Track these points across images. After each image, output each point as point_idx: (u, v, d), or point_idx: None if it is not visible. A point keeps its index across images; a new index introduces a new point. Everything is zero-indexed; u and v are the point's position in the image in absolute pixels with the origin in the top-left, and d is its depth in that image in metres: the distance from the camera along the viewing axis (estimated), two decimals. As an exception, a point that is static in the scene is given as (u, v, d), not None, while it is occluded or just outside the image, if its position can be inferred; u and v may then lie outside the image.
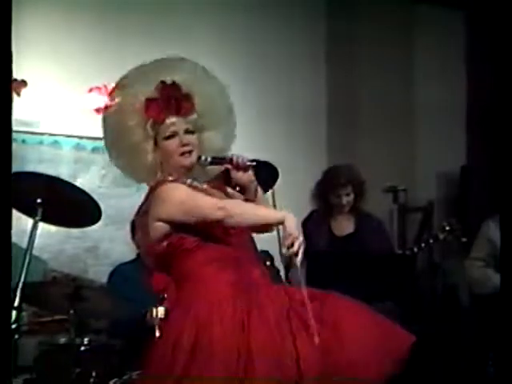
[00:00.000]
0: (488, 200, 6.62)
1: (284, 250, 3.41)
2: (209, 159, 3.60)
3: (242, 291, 3.49)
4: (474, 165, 7.16)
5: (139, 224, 3.70)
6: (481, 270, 5.58)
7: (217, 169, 3.74)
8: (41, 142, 6.64)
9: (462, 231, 5.64)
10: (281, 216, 3.46)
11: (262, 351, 3.30)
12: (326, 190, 5.99)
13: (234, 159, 3.59)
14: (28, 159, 6.50)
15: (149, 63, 3.74)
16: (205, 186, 3.70)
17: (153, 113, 3.60)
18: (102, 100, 6.77)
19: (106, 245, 6.68)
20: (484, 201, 6.73)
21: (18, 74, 6.46)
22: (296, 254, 3.39)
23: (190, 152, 3.60)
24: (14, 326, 4.23)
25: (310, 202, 6.11)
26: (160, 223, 3.51)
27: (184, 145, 3.58)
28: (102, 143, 6.65)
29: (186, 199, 3.52)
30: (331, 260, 5.71)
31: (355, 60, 7.88)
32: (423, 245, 5.76)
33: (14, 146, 6.35)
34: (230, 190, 3.76)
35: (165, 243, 3.54)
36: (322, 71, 7.85)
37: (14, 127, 6.37)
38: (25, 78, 6.49)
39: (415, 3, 7.94)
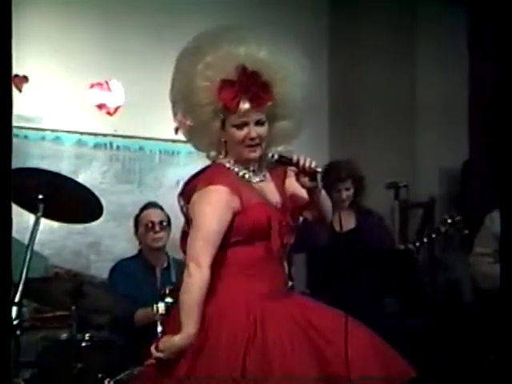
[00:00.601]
0: (490, 195, 6.60)
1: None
2: (276, 157, 3.44)
3: (259, 298, 3.43)
4: (475, 160, 7.15)
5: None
6: (490, 265, 5.56)
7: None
8: (43, 138, 6.65)
9: (463, 224, 5.63)
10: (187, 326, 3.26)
11: (272, 363, 3.25)
12: (327, 184, 5.97)
13: (301, 162, 3.39)
14: (30, 155, 6.52)
15: (225, 29, 3.55)
16: (258, 179, 3.55)
17: (227, 97, 3.39)
18: (104, 96, 6.81)
19: (108, 241, 6.69)
20: (486, 196, 6.72)
21: (19, 69, 6.50)
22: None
23: (257, 145, 3.44)
24: (15, 322, 4.22)
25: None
26: None
27: (252, 138, 3.41)
28: (105, 140, 6.77)
29: (203, 222, 3.38)
30: (333, 257, 5.70)
31: (358, 57, 7.89)
32: (425, 239, 5.75)
33: (16, 141, 6.43)
34: (287, 183, 3.62)
35: None
36: (325, 68, 7.87)
37: (16, 123, 6.44)
38: (26, 74, 6.52)
39: (417, 1, 7.93)
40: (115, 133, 6.79)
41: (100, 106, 6.83)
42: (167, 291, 4.95)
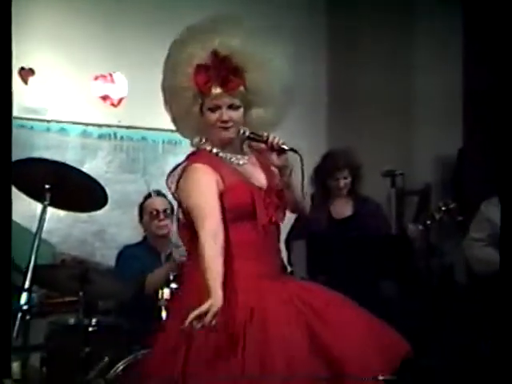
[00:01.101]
0: (484, 182, 6.63)
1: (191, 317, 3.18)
2: (247, 133, 3.52)
3: (257, 280, 3.46)
4: (469, 148, 7.17)
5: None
6: (483, 249, 5.59)
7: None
8: (48, 129, 6.67)
9: (458, 211, 5.66)
10: (215, 294, 3.18)
11: (267, 342, 3.29)
12: (324, 173, 6.00)
13: (270, 139, 3.48)
14: (36, 146, 6.54)
15: (204, 23, 3.60)
16: (242, 162, 3.59)
17: (200, 81, 3.47)
18: (107, 88, 6.83)
19: (113, 229, 6.72)
20: (479, 183, 6.75)
21: (25, 62, 6.53)
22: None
23: (229, 127, 3.48)
24: (25, 307, 4.26)
25: (309, 186, 6.11)
26: None
27: (224, 121, 3.47)
28: (108, 130, 6.79)
29: (193, 196, 3.45)
30: (331, 242, 5.74)
31: (356, 49, 7.90)
32: (420, 226, 5.78)
33: (22, 132, 6.51)
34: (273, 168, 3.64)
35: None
36: (324, 60, 7.89)
37: (23, 114, 6.51)
38: (32, 67, 6.54)
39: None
40: (119, 123, 6.82)
41: (104, 98, 6.86)
42: (171, 277, 5.00)
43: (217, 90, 3.46)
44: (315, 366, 3.28)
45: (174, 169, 3.60)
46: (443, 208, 5.69)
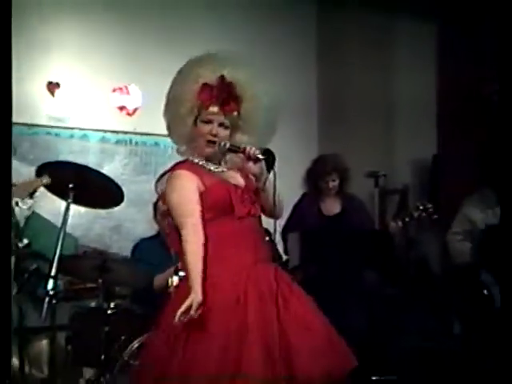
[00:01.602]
0: (456, 183, 6.64)
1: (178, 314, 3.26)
2: (227, 146, 3.55)
3: (243, 269, 3.49)
4: (443, 154, 7.18)
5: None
6: (461, 243, 5.61)
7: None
8: (71, 136, 6.65)
9: (433, 210, 5.67)
10: (196, 290, 3.29)
11: (247, 329, 3.32)
12: (315, 176, 6.00)
13: (247, 150, 3.50)
14: (60, 150, 6.52)
15: (221, 53, 3.68)
16: (221, 169, 3.64)
17: (203, 97, 3.54)
18: (124, 99, 6.85)
19: (128, 224, 6.70)
20: (452, 184, 6.76)
21: (52, 77, 6.55)
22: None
23: (214, 142, 3.55)
24: (51, 293, 4.28)
25: (301, 186, 6.13)
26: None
27: (212, 135, 3.54)
28: (124, 136, 6.81)
29: (173, 198, 3.53)
30: (321, 236, 5.75)
31: (342, 61, 7.89)
32: (400, 222, 5.79)
33: (49, 139, 6.55)
34: (251, 176, 3.66)
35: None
36: (313, 70, 7.86)
37: (49, 123, 6.53)
38: (58, 81, 6.56)
39: (392, 12, 7.95)
40: (134, 131, 6.83)
41: (121, 108, 6.87)
42: (180, 266, 5.02)
43: (214, 108, 3.54)
44: (278, 346, 3.30)
45: (161, 176, 3.69)
46: (420, 207, 5.70)
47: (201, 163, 3.62)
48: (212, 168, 3.63)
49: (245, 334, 3.31)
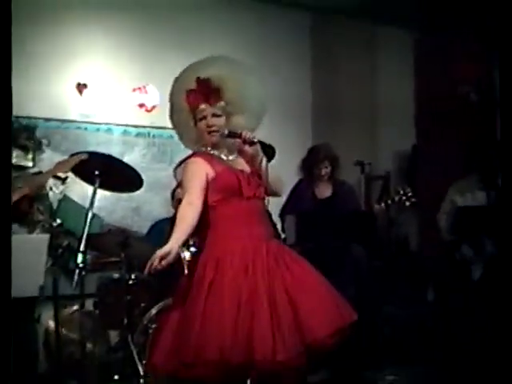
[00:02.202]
0: (432, 171, 6.64)
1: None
2: (226, 132, 3.57)
3: (250, 243, 3.51)
4: (420, 144, 7.18)
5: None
6: (446, 221, 5.62)
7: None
8: (98, 130, 6.65)
9: (411, 194, 5.68)
10: (173, 242, 3.38)
11: (256, 292, 3.34)
12: (310, 163, 6.01)
13: (243, 134, 3.54)
14: (88, 142, 6.52)
15: (196, 62, 3.75)
16: (231, 158, 3.69)
17: (190, 100, 3.61)
18: (143, 97, 6.86)
19: (147, 206, 6.69)
20: (429, 171, 6.76)
21: (81, 78, 6.56)
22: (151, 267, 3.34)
23: (215, 131, 3.60)
24: (81, 265, 4.29)
25: (297, 173, 6.14)
26: None
27: (210, 126, 3.59)
28: (143, 130, 6.82)
29: (184, 179, 3.59)
30: (315, 217, 5.76)
31: (333, 65, 7.90)
32: (383, 204, 5.80)
33: (78, 132, 6.58)
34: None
35: None
36: (308, 73, 7.86)
37: (79, 118, 6.54)
38: (85, 82, 6.58)
39: (375, 24, 7.97)
40: (152, 125, 6.83)
41: (140, 105, 6.87)
42: (191, 242, 5.03)
43: (203, 105, 3.60)
44: (288, 317, 3.32)
45: (179, 164, 3.76)
46: (401, 192, 5.70)
47: (212, 152, 3.65)
48: (222, 156, 3.67)
49: (255, 300, 3.32)
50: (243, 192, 3.56)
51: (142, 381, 4.77)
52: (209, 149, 3.66)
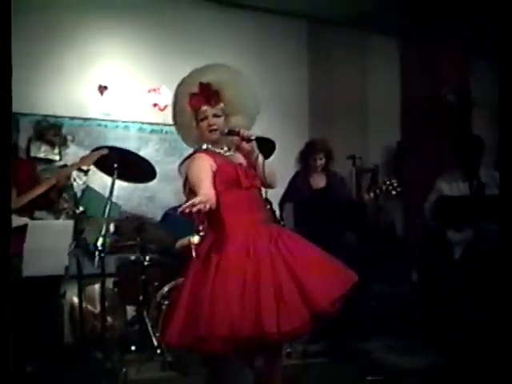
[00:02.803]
0: (415, 164, 6.66)
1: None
2: (225, 131, 3.61)
3: (251, 227, 3.53)
4: (405, 141, 7.20)
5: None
6: (429, 208, 5.61)
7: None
8: (116, 127, 6.66)
9: (397, 184, 5.68)
10: (202, 193, 3.30)
11: (259, 271, 3.35)
12: (306, 156, 6.00)
13: (241, 132, 3.57)
14: (108, 138, 6.53)
15: (198, 68, 3.75)
16: (229, 153, 3.70)
17: (193, 103, 3.63)
18: (156, 98, 6.87)
19: (160, 195, 6.68)
20: (413, 164, 6.77)
21: (102, 81, 6.60)
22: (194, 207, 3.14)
23: (215, 130, 3.63)
24: (101, 248, 4.32)
25: (295, 164, 6.14)
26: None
27: (211, 125, 3.62)
28: (158, 127, 6.84)
29: (193, 173, 3.56)
30: (310, 205, 5.76)
31: (328, 66, 7.89)
32: (372, 194, 5.81)
33: (99, 129, 6.61)
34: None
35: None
36: (305, 74, 7.86)
37: (100, 117, 6.57)
38: (106, 84, 6.61)
39: (365, 31, 7.98)
40: (164, 122, 6.84)
41: (154, 105, 6.87)
42: (200, 228, 5.05)
43: (204, 107, 3.61)
44: (293, 292, 3.31)
45: (183, 161, 3.78)
46: (387, 182, 5.71)
47: (212, 149, 3.68)
48: (222, 152, 3.69)
49: (259, 277, 3.33)
50: (242, 182, 3.58)
51: (158, 351, 4.82)
52: (209, 146, 3.69)
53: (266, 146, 4.89)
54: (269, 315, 3.23)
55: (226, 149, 3.72)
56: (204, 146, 3.72)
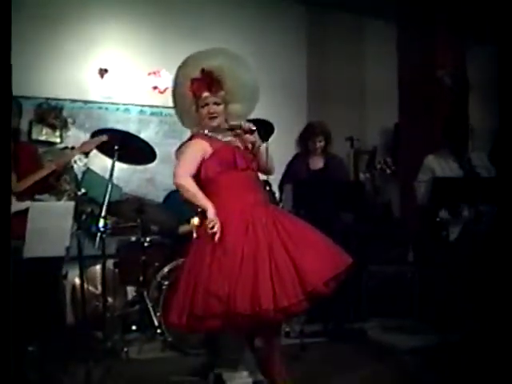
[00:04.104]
0: (411, 146, 6.65)
1: (208, 230, 3.41)
2: (226, 126, 3.70)
3: (248, 207, 3.56)
4: (402, 123, 7.18)
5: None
6: (424, 188, 5.59)
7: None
8: (117, 109, 6.66)
9: (392, 164, 5.68)
10: (206, 206, 3.48)
11: (257, 251, 3.38)
12: (306, 138, 5.99)
13: (243, 126, 3.66)
14: (109, 120, 6.54)
15: (199, 52, 3.76)
16: (228, 139, 3.73)
17: (194, 89, 3.66)
18: (156, 80, 6.85)
19: (159, 177, 6.68)
20: (409, 145, 6.77)
21: (102, 64, 6.56)
22: (214, 233, 3.40)
23: (214, 117, 3.68)
24: (102, 229, 4.30)
25: (294, 147, 6.14)
26: None
27: (211, 113, 3.66)
28: (157, 110, 6.82)
29: (182, 158, 3.67)
30: (309, 186, 5.76)
31: (326, 52, 7.89)
32: (368, 174, 5.80)
33: (100, 112, 6.59)
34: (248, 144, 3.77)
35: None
36: (304, 59, 7.86)
37: (100, 100, 6.56)
38: (106, 67, 6.59)
39: (362, 15, 7.95)
40: (164, 105, 6.83)
41: (154, 88, 6.86)
42: (200, 209, 5.05)
43: (205, 94, 3.66)
44: (289, 271, 3.34)
45: (180, 147, 3.79)
46: (382, 161, 5.71)
47: (210, 134, 3.72)
48: (219, 137, 3.73)
49: (256, 256, 3.36)
50: (238, 164, 3.63)
51: (158, 331, 4.83)
52: (208, 132, 3.73)
53: (265, 128, 4.88)
54: (265, 292, 3.26)
55: (222, 135, 3.75)
56: (201, 131, 3.74)
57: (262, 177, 4.07)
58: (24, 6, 5.88)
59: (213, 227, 3.40)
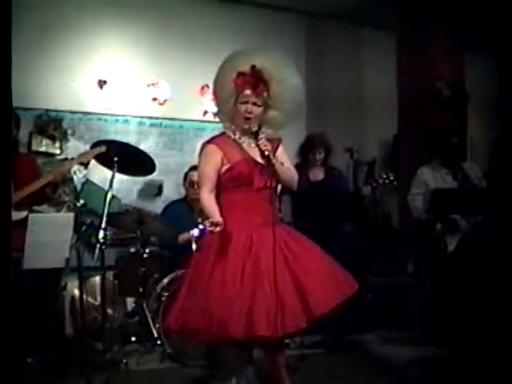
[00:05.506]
0: (411, 158, 6.66)
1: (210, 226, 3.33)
2: (253, 130, 3.53)
3: (255, 228, 3.46)
4: (401, 135, 7.19)
5: None
6: (419, 201, 5.59)
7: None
8: (116, 121, 6.65)
9: (394, 178, 5.68)
10: (215, 216, 3.38)
11: (259, 272, 3.32)
12: (306, 150, 6.00)
13: (260, 145, 3.45)
14: (108, 132, 6.53)
15: (253, 48, 3.69)
16: (253, 145, 3.56)
17: (238, 83, 3.49)
18: (156, 92, 6.86)
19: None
20: (408, 158, 6.78)
21: (101, 75, 6.58)
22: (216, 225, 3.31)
23: (250, 119, 3.52)
24: (102, 241, 4.31)
25: (294, 158, 6.14)
26: None
27: (248, 112, 3.51)
28: (157, 121, 6.83)
29: (200, 165, 3.58)
30: (308, 197, 5.77)
31: (325, 62, 7.91)
32: (369, 187, 5.80)
33: (99, 123, 6.60)
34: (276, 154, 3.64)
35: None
36: (303, 70, 7.85)
37: (100, 111, 6.57)
38: (105, 79, 6.60)
39: (362, 26, 7.98)
40: (164, 116, 6.85)
41: (153, 99, 6.87)
42: (200, 220, 5.05)
43: (248, 91, 3.50)
44: (292, 296, 3.28)
45: (203, 146, 3.67)
46: (384, 176, 5.69)
47: (233, 138, 3.61)
48: (244, 145, 3.60)
49: (256, 277, 3.30)
50: (254, 183, 3.50)
51: (158, 342, 4.82)
52: (232, 135, 3.61)
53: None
54: (261, 317, 3.20)
55: (249, 140, 3.61)
56: (229, 133, 3.63)
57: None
58: (24, 18, 5.91)
59: (217, 224, 3.29)
